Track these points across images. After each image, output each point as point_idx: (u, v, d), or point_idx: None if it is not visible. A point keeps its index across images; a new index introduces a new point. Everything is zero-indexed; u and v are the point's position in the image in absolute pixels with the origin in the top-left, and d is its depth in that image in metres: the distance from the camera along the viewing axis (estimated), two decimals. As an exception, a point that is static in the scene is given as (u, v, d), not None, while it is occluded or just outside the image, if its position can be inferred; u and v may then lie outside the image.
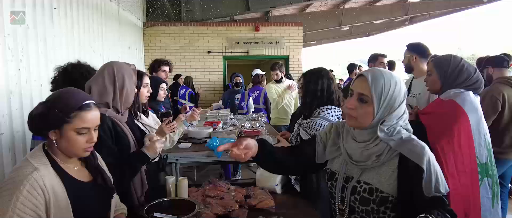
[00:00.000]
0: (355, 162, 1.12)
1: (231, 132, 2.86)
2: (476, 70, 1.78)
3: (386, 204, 1.06)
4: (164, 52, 7.06)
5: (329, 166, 1.24)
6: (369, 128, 1.09)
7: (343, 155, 1.17)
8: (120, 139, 1.51)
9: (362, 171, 1.11)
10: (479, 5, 9.93)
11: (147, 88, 1.86)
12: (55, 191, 1.03)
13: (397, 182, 1.05)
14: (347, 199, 1.13)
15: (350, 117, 1.11)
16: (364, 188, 1.09)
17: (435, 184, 1.01)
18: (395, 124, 1.08)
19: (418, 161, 1.02)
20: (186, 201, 1.53)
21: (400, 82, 1.08)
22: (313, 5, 8.36)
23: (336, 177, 1.18)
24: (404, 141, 1.06)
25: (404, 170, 1.04)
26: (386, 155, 1.07)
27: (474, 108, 1.71)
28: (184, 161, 2.38)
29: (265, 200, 1.68)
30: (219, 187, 1.80)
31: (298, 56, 7.55)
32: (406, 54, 2.52)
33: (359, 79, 1.10)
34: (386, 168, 1.07)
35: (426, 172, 1.01)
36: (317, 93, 1.90)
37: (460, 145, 1.64)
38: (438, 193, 1.01)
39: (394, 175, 1.05)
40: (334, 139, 1.23)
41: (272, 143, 2.50)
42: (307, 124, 1.85)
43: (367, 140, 1.11)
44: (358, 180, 1.11)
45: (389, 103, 1.06)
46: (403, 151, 1.05)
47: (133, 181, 1.55)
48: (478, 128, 1.70)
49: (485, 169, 1.70)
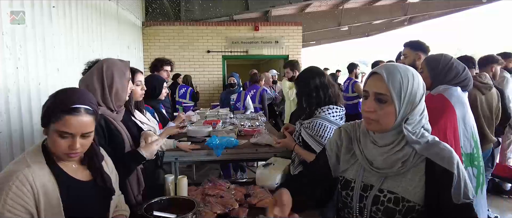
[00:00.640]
0: (376, 169, 1.01)
1: (231, 131, 2.85)
2: (465, 68, 1.87)
3: (412, 214, 0.97)
4: (163, 51, 7.04)
5: (343, 174, 1.13)
6: (392, 130, 1.00)
7: (361, 161, 1.06)
8: (113, 137, 1.48)
9: (383, 179, 1.01)
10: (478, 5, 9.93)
11: (140, 86, 1.84)
12: (46, 190, 1.02)
13: (425, 190, 0.96)
14: (367, 210, 1.03)
15: (370, 121, 1.00)
16: (389, 198, 0.99)
17: (464, 190, 0.94)
18: (418, 122, 1.00)
19: (448, 165, 0.94)
20: (185, 200, 1.51)
21: (417, 74, 0.99)
22: (313, 5, 8.35)
23: (352, 186, 1.08)
24: (430, 145, 0.98)
25: (432, 176, 0.96)
26: (412, 160, 0.98)
27: (461, 102, 1.79)
28: (184, 160, 2.36)
29: (265, 198, 1.66)
30: (219, 185, 1.78)
31: (297, 56, 7.53)
32: (409, 53, 2.46)
33: (373, 78, 0.99)
34: (411, 175, 0.98)
35: (456, 178, 0.94)
36: (312, 93, 1.86)
37: (446, 136, 1.72)
38: (467, 199, 0.94)
39: (422, 182, 0.97)
40: (347, 147, 1.13)
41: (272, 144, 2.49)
42: (307, 125, 1.83)
43: (389, 143, 1.01)
44: (380, 189, 1.01)
45: (410, 99, 0.96)
46: (430, 155, 0.97)
47: (129, 180, 1.53)
48: (464, 120, 1.78)
49: (470, 159, 1.78)
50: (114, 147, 1.46)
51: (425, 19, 11.64)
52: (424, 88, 1.00)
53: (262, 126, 3.19)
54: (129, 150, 1.56)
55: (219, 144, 2.32)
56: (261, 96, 4.78)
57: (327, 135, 1.78)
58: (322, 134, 1.78)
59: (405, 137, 0.98)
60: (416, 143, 0.98)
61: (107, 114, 1.48)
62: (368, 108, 0.99)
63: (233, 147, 2.43)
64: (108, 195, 1.19)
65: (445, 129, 1.75)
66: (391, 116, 0.97)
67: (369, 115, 1.00)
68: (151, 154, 1.50)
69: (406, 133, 0.97)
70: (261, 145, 2.51)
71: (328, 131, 1.78)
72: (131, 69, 1.67)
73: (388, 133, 1.00)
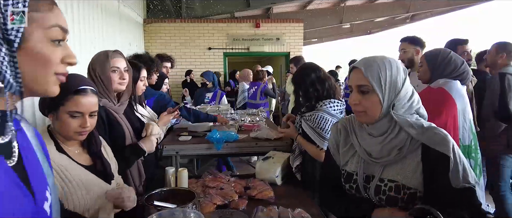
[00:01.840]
0: (375, 159, 1.05)
1: (231, 126, 2.87)
2: (463, 62, 1.92)
3: (415, 200, 0.99)
4: (165, 48, 7.06)
5: (344, 167, 1.16)
6: (383, 118, 1.03)
7: (360, 154, 1.09)
8: (113, 128, 1.51)
9: (383, 168, 1.04)
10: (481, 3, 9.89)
11: (144, 82, 1.88)
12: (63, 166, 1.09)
13: (423, 175, 0.99)
14: (372, 200, 1.06)
15: (359, 113, 1.05)
16: (390, 187, 1.02)
17: (462, 173, 0.95)
18: (409, 107, 1.02)
19: (443, 149, 0.96)
20: (185, 191, 1.53)
21: (394, 60, 1.04)
22: (314, 2, 8.34)
23: (354, 178, 1.11)
24: (425, 130, 1.00)
25: (428, 160, 0.99)
26: (408, 146, 1.01)
27: (461, 96, 1.85)
28: (184, 154, 2.39)
29: (264, 190, 1.68)
30: (219, 178, 1.80)
31: (299, 53, 7.54)
32: (408, 48, 2.53)
33: (353, 72, 1.06)
34: (409, 161, 1.01)
35: (452, 160, 0.95)
36: (309, 88, 1.89)
37: (446, 127, 1.76)
38: (467, 184, 0.95)
39: (420, 168, 1.00)
40: (345, 140, 1.16)
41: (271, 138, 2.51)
42: (309, 117, 1.86)
43: (384, 132, 1.03)
44: (381, 179, 1.04)
45: (391, 85, 1.00)
46: (425, 140, 0.99)
47: (131, 171, 1.56)
48: (463, 113, 1.84)
49: (468, 151, 1.83)
50: (114, 139, 1.49)
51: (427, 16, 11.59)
52: (405, 73, 1.04)
53: (262, 121, 3.22)
54: (130, 142, 1.59)
55: (220, 138, 2.35)
56: (263, 91, 4.89)
57: (328, 127, 1.81)
58: (323, 126, 1.81)
59: (398, 123, 1.01)
60: (409, 127, 1.00)
61: (108, 106, 1.51)
62: (353, 101, 1.04)
63: (233, 141, 2.46)
64: (107, 180, 1.23)
65: (445, 121, 1.81)
66: (377, 105, 1.01)
67: (356, 108, 1.05)
68: (151, 148, 1.53)
69: (396, 117, 1.00)
70: (260, 139, 2.53)
71: (329, 123, 1.81)
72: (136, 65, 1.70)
73: (381, 123, 1.04)
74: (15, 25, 0.51)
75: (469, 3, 9.67)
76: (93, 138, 1.22)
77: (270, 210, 1.41)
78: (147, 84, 1.94)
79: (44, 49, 0.56)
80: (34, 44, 0.54)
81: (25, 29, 0.53)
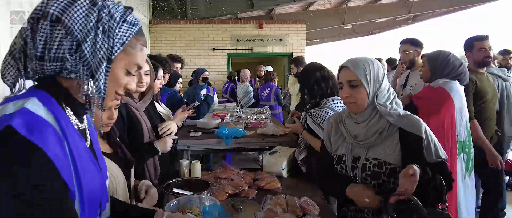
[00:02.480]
0: (361, 142, 1.25)
1: (238, 123, 3.00)
2: (462, 63, 2.05)
3: (395, 175, 1.17)
4: (170, 49, 7.19)
5: (335, 152, 1.36)
6: (367, 108, 1.24)
7: (347, 139, 1.30)
8: (133, 125, 1.63)
9: (368, 149, 1.24)
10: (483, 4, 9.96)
11: (160, 81, 2.00)
12: None
13: (401, 153, 1.18)
14: (359, 177, 1.26)
15: (350, 104, 1.26)
16: (374, 163, 1.22)
17: (434, 150, 1.16)
18: (388, 98, 1.22)
19: (417, 131, 1.17)
20: (199, 180, 1.66)
21: (375, 60, 1.26)
22: (316, 3, 8.44)
23: (344, 160, 1.31)
24: (401, 117, 1.21)
25: (405, 141, 1.18)
26: (387, 130, 1.22)
27: (459, 95, 1.98)
28: (195, 148, 2.52)
29: (272, 182, 1.80)
30: (229, 170, 1.92)
31: (301, 54, 7.64)
32: (410, 50, 2.68)
33: (343, 70, 1.27)
34: (389, 142, 1.22)
35: (425, 140, 1.16)
36: (314, 86, 2.00)
37: (444, 124, 1.91)
38: (439, 158, 1.15)
39: (398, 148, 1.20)
40: (335, 130, 1.37)
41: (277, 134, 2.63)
42: (313, 113, 1.97)
43: (367, 118, 1.25)
44: (366, 158, 1.24)
45: (375, 79, 1.22)
46: (402, 125, 1.19)
47: (147, 165, 1.68)
48: (460, 111, 1.97)
49: (462, 146, 1.97)
50: (133, 135, 1.60)
51: (429, 17, 11.66)
52: (384, 69, 1.26)
53: (267, 119, 3.34)
54: (147, 140, 1.71)
55: (229, 133, 2.48)
56: (276, 94, 4.94)
57: None
58: None
59: (379, 112, 1.21)
60: (388, 115, 1.20)
61: (130, 103, 1.63)
62: (345, 94, 1.25)
63: (241, 137, 2.58)
64: (129, 165, 1.34)
65: (443, 118, 1.93)
66: (365, 96, 1.22)
67: (347, 100, 1.26)
68: (165, 149, 1.65)
69: (378, 107, 1.20)
70: (267, 135, 2.66)
71: None
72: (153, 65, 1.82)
73: (365, 111, 1.25)
74: (114, 50, 0.68)
75: (470, 4, 9.74)
76: (111, 129, 1.33)
77: (278, 198, 1.53)
78: (164, 83, 2.06)
79: (119, 74, 0.72)
80: (115, 67, 0.70)
81: (117, 55, 0.69)
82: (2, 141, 0.57)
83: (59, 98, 0.68)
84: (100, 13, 0.65)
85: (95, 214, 0.74)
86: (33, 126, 0.59)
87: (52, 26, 0.62)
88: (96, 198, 0.72)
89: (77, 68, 0.64)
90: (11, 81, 0.66)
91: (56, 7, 0.62)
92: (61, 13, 0.62)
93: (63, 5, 0.63)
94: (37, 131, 0.59)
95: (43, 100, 0.65)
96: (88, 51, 0.64)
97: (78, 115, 0.73)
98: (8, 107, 0.61)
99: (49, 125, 0.62)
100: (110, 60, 0.67)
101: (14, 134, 0.57)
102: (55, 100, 0.67)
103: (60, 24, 0.62)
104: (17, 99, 0.63)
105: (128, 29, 0.70)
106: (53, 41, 0.62)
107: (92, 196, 0.70)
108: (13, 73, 0.65)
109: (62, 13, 0.62)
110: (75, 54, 0.64)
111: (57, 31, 0.62)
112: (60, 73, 0.65)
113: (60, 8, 0.63)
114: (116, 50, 0.68)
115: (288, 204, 1.48)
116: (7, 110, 0.61)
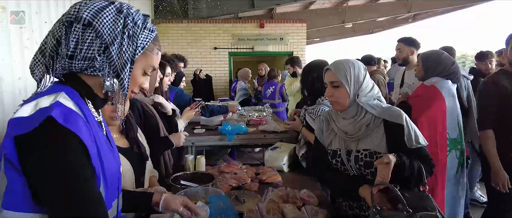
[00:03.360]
0: (350, 136, 1.37)
1: (241, 121, 3.09)
2: (454, 62, 2.11)
3: None
4: (172, 48, 7.28)
5: (329, 147, 1.47)
6: (351, 106, 1.36)
7: (338, 134, 1.42)
8: (148, 119, 1.73)
9: (358, 142, 1.36)
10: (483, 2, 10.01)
11: (168, 77, 2.09)
12: None
13: (387, 142, 1.30)
14: (353, 168, 1.38)
15: (333, 103, 1.40)
16: (365, 154, 1.34)
17: (414, 137, 1.28)
18: (370, 96, 1.34)
19: (398, 120, 1.30)
20: (205, 174, 1.75)
21: (357, 61, 1.38)
22: (317, 2, 8.51)
23: (338, 153, 1.42)
24: (384, 109, 1.35)
25: (389, 131, 1.31)
26: (373, 123, 1.33)
27: (451, 94, 2.05)
28: (199, 144, 2.61)
29: (273, 175, 1.89)
30: (232, 164, 2.02)
31: (302, 53, 7.73)
32: (403, 48, 2.77)
33: (327, 73, 1.40)
34: (376, 134, 1.34)
35: (406, 128, 1.29)
36: (314, 84, 2.07)
37: (436, 121, 1.99)
38: (419, 144, 1.27)
39: (384, 138, 1.32)
40: (326, 126, 1.49)
41: (278, 131, 2.72)
42: (311, 110, 2.06)
43: (354, 115, 1.38)
44: (358, 150, 1.36)
45: (355, 80, 1.34)
46: (385, 117, 1.32)
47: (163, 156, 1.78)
48: (451, 110, 2.03)
49: (454, 143, 2.05)
50: (148, 128, 1.71)
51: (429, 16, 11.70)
52: (365, 70, 1.37)
53: (269, 116, 3.43)
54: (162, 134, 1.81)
55: (231, 130, 2.58)
56: (281, 92, 5.01)
57: None
58: None
59: (363, 108, 1.34)
60: (371, 108, 1.32)
61: (142, 99, 1.73)
62: (329, 94, 1.39)
63: (243, 133, 2.68)
64: (143, 161, 1.43)
65: (435, 116, 2.01)
66: (345, 95, 1.35)
67: (330, 99, 1.40)
68: (179, 143, 1.75)
69: (361, 104, 1.32)
70: (268, 131, 2.75)
71: None
72: (161, 62, 1.92)
73: (351, 109, 1.37)
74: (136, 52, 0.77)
75: (470, 3, 9.79)
76: (130, 125, 1.43)
77: (279, 191, 1.62)
78: (171, 80, 2.15)
79: (137, 74, 0.81)
80: (135, 68, 0.79)
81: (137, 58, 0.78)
82: (46, 129, 0.64)
83: (82, 93, 0.77)
84: (126, 20, 0.74)
85: (114, 197, 0.83)
86: (68, 116, 0.67)
87: (84, 29, 0.71)
88: (114, 182, 0.81)
89: (104, 67, 0.73)
90: (39, 76, 0.74)
91: (88, 13, 0.71)
92: (92, 18, 0.71)
93: (94, 11, 0.72)
94: (71, 121, 0.67)
95: (70, 95, 0.73)
96: (115, 53, 0.73)
97: (96, 108, 0.82)
98: (43, 101, 0.69)
99: (79, 116, 0.70)
100: (133, 61, 0.76)
101: (55, 123, 0.65)
102: (79, 95, 0.76)
103: (91, 28, 0.71)
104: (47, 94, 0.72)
105: (148, 35, 0.79)
106: (84, 42, 0.71)
107: (112, 180, 0.79)
108: (41, 70, 0.74)
109: (93, 18, 0.71)
110: (103, 55, 0.73)
111: (88, 33, 0.71)
112: (85, 71, 0.74)
113: (92, 13, 0.71)
114: (138, 52, 0.76)
115: (288, 196, 1.56)
116: (43, 103, 0.68)
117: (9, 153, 0.64)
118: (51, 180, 0.65)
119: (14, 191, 0.65)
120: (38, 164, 0.64)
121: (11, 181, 0.65)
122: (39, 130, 0.64)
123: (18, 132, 0.64)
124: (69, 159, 0.66)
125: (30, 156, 0.64)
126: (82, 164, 0.68)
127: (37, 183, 0.65)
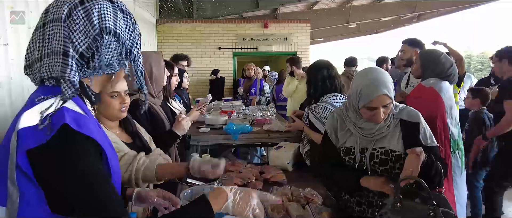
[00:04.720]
0: (370, 136, 1.40)
1: (245, 120, 3.12)
2: (453, 64, 2.11)
3: (400, 161, 1.33)
4: (177, 48, 7.31)
5: (343, 145, 1.48)
6: None
7: (356, 134, 1.43)
8: (155, 119, 1.76)
9: (375, 141, 1.40)
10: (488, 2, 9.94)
11: (176, 77, 2.12)
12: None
13: (403, 140, 1.37)
14: (367, 165, 1.41)
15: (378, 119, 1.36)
16: (381, 152, 1.38)
17: (429, 136, 1.37)
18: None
19: (416, 119, 1.38)
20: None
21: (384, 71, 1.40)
22: (321, 2, 8.51)
23: (353, 151, 1.44)
24: (402, 110, 1.42)
25: (406, 129, 1.38)
26: (392, 123, 1.40)
27: (449, 95, 2.07)
28: (204, 143, 2.65)
29: (277, 174, 1.91)
30: (237, 163, 2.04)
31: (306, 53, 7.74)
32: (407, 49, 2.77)
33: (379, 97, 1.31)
34: (392, 133, 1.39)
35: (422, 126, 1.36)
36: (318, 83, 2.10)
37: (436, 124, 1.99)
38: (433, 143, 1.36)
39: (400, 136, 1.38)
40: (341, 125, 1.49)
41: (282, 130, 2.75)
42: (314, 108, 2.08)
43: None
44: (374, 148, 1.40)
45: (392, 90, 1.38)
46: (403, 116, 1.39)
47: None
48: (450, 111, 2.05)
49: (456, 144, 2.07)
50: (155, 127, 1.73)
51: (433, 16, 11.64)
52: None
53: (273, 116, 3.46)
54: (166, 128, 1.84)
55: (236, 129, 2.60)
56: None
57: None
58: (327, 116, 2.02)
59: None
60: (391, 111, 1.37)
61: (148, 100, 1.76)
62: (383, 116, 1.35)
63: (248, 132, 2.70)
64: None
65: (435, 118, 2.00)
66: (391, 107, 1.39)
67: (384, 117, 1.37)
68: (183, 131, 1.76)
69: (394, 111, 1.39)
70: (272, 131, 2.78)
71: None
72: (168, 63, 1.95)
73: None
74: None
75: (475, 3, 9.73)
76: (128, 120, 1.45)
77: (283, 189, 1.64)
78: (179, 80, 2.19)
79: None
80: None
81: None
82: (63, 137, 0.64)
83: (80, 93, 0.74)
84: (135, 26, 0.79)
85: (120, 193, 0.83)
86: (79, 121, 0.66)
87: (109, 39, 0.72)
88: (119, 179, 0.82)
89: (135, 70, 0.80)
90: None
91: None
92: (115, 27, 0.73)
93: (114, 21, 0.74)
94: (83, 125, 0.67)
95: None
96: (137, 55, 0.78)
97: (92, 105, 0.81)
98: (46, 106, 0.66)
99: (87, 118, 0.70)
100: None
101: (70, 130, 0.64)
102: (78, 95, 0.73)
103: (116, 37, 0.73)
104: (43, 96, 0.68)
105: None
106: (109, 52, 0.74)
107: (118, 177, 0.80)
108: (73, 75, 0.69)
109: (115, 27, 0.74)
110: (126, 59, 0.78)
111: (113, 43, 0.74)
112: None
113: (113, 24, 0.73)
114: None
115: (293, 194, 1.58)
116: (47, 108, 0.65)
117: (24, 167, 0.63)
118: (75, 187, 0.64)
119: (29, 202, 0.64)
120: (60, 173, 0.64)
121: (26, 193, 0.64)
122: (56, 139, 0.63)
123: (33, 144, 0.63)
124: (90, 164, 0.66)
125: (49, 166, 0.63)
126: (102, 167, 0.69)
127: (59, 192, 0.65)
